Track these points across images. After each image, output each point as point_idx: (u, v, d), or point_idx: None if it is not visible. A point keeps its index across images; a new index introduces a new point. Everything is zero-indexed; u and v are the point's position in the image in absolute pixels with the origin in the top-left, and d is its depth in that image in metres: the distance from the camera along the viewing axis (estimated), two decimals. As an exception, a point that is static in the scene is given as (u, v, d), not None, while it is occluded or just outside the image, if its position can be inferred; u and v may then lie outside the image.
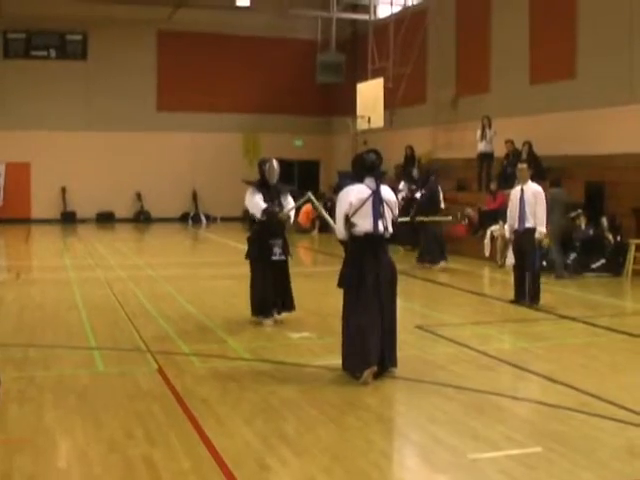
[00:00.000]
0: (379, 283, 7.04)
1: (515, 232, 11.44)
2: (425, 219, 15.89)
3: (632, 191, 15.33)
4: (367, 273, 7.02)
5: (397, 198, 7.74)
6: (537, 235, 11.19)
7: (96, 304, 11.11)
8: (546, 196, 11.38)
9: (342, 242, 7.30)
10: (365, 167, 7.16)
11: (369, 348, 6.91)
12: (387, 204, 7.15)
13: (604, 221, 14.91)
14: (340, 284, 7.23)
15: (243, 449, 5.32)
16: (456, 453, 5.28)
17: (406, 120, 23.70)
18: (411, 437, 5.78)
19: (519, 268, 11.52)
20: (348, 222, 7.05)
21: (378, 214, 7.03)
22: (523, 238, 11.28)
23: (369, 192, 7.06)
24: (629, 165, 16.05)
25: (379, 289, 7.03)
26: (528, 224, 11.18)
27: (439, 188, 16.23)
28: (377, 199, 7.05)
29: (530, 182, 11.36)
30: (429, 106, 23.91)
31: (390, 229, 7.15)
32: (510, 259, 13.88)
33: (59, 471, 5.01)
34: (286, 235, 9.78)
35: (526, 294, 11.31)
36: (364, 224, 7.02)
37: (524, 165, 11.76)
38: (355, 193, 7.07)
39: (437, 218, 16.11)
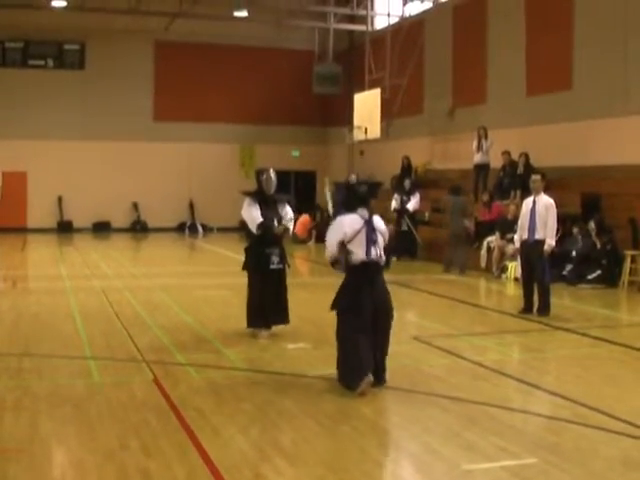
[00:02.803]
0: (375, 309, 7.16)
1: (524, 243, 11.33)
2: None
3: (628, 202, 15.36)
4: (363, 299, 7.15)
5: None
6: (546, 247, 11.07)
7: (92, 313, 11.10)
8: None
9: (332, 265, 7.45)
10: (357, 199, 7.39)
11: (363, 358, 6.96)
12: (380, 233, 7.37)
13: (592, 224, 14.88)
14: (334, 307, 7.36)
15: (238, 459, 5.32)
16: (450, 464, 5.28)
17: (403, 131, 23.76)
18: (406, 448, 5.78)
19: (527, 280, 11.47)
20: (344, 247, 7.20)
21: (372, 242, 7.24)
22: (532, 250, 11.19)
23: (362, 222, 7.27)
24: (625, 176, 16.10)
25: (375, 313, 7.16)
26: (538, 236, 11.09)
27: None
28: (370, 228, 7.27)
29: (543, 194, 11.27)
30: (426, 117, 23.97)
31: (384, 257, 7.36)
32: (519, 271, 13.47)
33: (54, 481, 5.00)
34: (283, 244, 9.78)
35: (533, 306, 11.29)
36: (359, 252, 7.20)
37: (538, 176, 11.52)
38: (349, 223, 7.27)
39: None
